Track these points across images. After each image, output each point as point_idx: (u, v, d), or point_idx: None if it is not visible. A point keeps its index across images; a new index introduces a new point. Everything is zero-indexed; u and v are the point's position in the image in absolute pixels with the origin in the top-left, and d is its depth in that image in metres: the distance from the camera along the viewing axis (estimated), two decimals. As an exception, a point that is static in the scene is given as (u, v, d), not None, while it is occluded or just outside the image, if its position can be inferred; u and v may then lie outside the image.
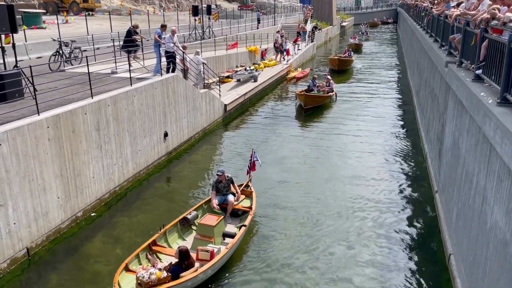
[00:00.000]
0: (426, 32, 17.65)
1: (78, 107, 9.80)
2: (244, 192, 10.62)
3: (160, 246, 8.41)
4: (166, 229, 8.73)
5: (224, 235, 8.84)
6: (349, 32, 67.24)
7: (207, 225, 8.50)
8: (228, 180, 9.85)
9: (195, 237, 8.60)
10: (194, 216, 9.30)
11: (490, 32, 6.93)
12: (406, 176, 12.65)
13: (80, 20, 31.08)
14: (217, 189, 9.77)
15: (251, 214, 9.49)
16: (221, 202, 9.76)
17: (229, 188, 9.92)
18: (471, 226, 6.70)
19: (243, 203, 10.22)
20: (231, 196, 9.84)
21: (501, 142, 4.97)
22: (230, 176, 9.93)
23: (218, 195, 9.79)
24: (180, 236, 9.08)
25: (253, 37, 31.01)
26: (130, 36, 16.08)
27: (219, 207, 9.64)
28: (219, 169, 9.92)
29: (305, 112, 19.37)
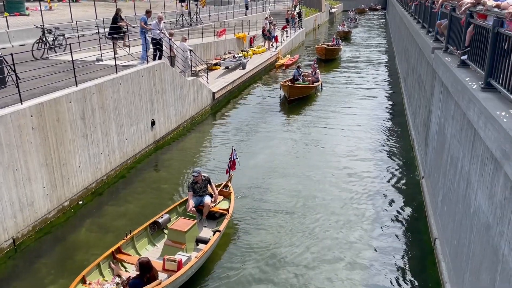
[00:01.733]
0: (413, 18, 17.65)
1: (62, 95, 9.66)
2: (223, 193, 9.97)
3: (126, 254, 7.70)
4: (133, 235, 8.07)
5: (197, 241, 8.22)
6: (338, 18, 67.02)
7: (178, 230, 7.88)
8: (204, 180, 9.30)
9: (165, 243, 7.98)
10: (166, 220, 8.65)
11: (476, 17, 6.94)
12: (393, 163, 12.75)
13: (64, 6, 30.49)
14: (194, 190, 9.21)
15: (227, 218, 8.84)
16: (197, 203, 9.19)
17: (206, 189, 9.36)
18: (455, 210, 6.79)
19: (221, 205, 9.55)
20: (207, 198, 9.25)
21: (485, 127, 5.00)
22: (207, 176, 9.40)
23: (195, 196, 9.21)
24: (150, 242, 8.41)
25: (241, 24, 30.75)
26: (116, 23, 15.84)
27: (196, 209, 9.06)
28: (195, 169, 9.35)
29: (289, 104, 18.81)
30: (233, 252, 8.48)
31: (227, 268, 7.99)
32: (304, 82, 20.34)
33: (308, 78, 20.91)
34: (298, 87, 19.40)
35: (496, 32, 5.41)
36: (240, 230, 9.26)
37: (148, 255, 7.51)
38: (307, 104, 19.25)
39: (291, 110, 18.27)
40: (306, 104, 19.21)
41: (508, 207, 4.28)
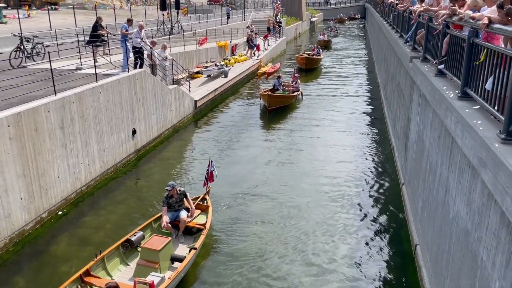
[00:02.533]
0: (392, 27, 18.00)
1: (40, 104, 9.49)
2: (200, 206, 9.61)
3: (95, 277, 7.21)
4: (104, 255, 7.59)
5: (172, 259, 7.83)
6: (319, 27, 67.83)
7: (151, 249, 7.48)
8: (180, 194, 8.90)
9: (138, 263, 7.58)
10: (139, 238, 8.19)
11: (452, 28, 7.12)
12: (374, 170, 12.90)
13: (43, 14, 30.09)
14: (169, 205, 8.80)
15: (203, 233, 8.49)
16: (173, 219, 8.78)
17: (182, 203, 8.95)
18: (435, 216, 6.90)
19: (198, 220, 9.17)
20: (183, 213, 8.84)
21: (462, 135, 5.12)
22: (182, 190, 9.02)
23: (170, 211, 8.81)
24: (122, 261, 7.94)
25: (223, 32, 30.82)
26: (96, 31, 15.69)
27: (171, 224, 8.68)
28: (169, 183, 8.88)
29: (269, 113, 18.58)
30: (211, 270, 8.20)
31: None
32: (284, 91, 20.21)
33: (289, 87, 20.82)
34: (278, 96, 19.26)
35: (471, 42, 5.56)
36: (218, 245, 8.96)
37: (121, 276, 7.29)
38: (288, 113, 19.16)
39: (272, 120, 18.20)
40: (287, 113, 19.12)
41: (486, 213, 4.38)
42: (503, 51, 4.50)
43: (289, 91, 20.48)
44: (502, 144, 4.08)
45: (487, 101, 4.89)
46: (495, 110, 4.59)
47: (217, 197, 10.76)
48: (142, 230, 8.53)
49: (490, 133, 4.40)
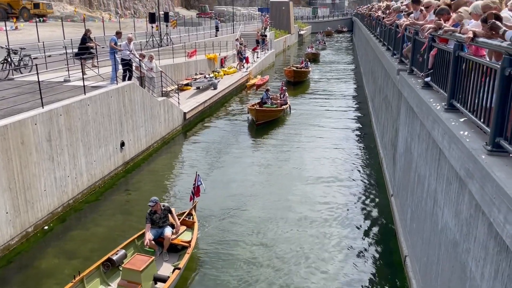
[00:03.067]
0: (379, 41, 18.25)
1: (27, 117, 9.39)
2: (186, 222, 9.32)
3: None
4: (83, 276, 7.27)
5: (155, 279, 7.55)
6: (307, 40, 68.54)
7: (133, 269, 7.22)
8: (164, 210, 8.62)
9: (119, 284, 7.33)
10: (121, 256, 7.89)
11: (437, 41, 7.24)
12: (363, 182, 12.96)
13: (31, 26, 29.90)
14: (152, 221, 8.47)
15: (188, 252, 8.21)
16: (156, 236, 8.48)
17: (166, 219, 8.65)
18: (424, 228, 6.93)
19: (183, 236, 8.85)
20: (168, 229, 8.56)
21: (449, 147, 5.18)
22: (167, 205, 8.76)
23: (154, 227, 8.51)
24: (103, 282, 7.61)
25: (212, 45, 30.97)
26: (84, 43, 15.66)
27: (155, 241, 8.41)
28: (151, 198, 8.48)
29: (257, 127, 18.43)
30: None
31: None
32: (273, 105, 20.09)
33: (277, 101, 20.73)
34: (265, 110, 19.17)
35: (457, 55, 5.66)
36: (204, 264, 8.71)
37: None
38: (276, 127, 18.97)
39: (261, 133, 18.04)
40: (275, 127, 18.93)
41: (474, 224, 4.41)
42: (487, 64, 4.58)
43: (277, 104, 20.39)
44: (489, 155, 4.14)
45: (473, 113, 4.96)
46: (481, 122, 4.65)
47: (204, 212, 10.55)
48: (124, 248, 8.21)
49: (476, 144, 4.46)
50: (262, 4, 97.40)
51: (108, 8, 64.64)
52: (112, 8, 65.68)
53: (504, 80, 3.97)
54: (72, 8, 52.25)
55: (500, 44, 4.18)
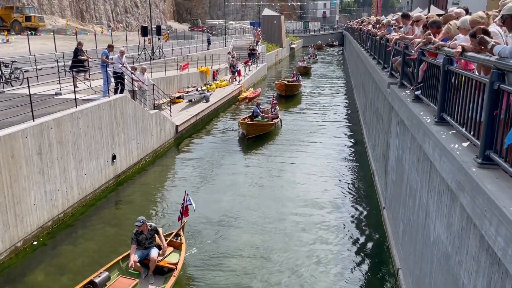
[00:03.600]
0: (369, 54, 18.47)
1: (17, 130, 9.31)
2: (173, 243, 8.99)
3: None
4: None
5: None
6: (298, 53, 69.12)
7: None
8: (151, 230, 8.35)
9: None
10: (104, 279, 7.59)
11: (427, 55, 7.35)
12: (355, 194, 12.98)
13: (22, 39, 29.88)
14: (138, 242, 8.22)
15: (174, 275, 7.91)
16: (142, 257, 8.20)
17: (152, 240, 8.38)
18: (416, 240, 6.94)
19: (170, 258, 8.52)
20: (154, 251, 8.29)
21: (440, 160, 5.22)
22: (153, 226, 8.49)
23: (140, 248, 8.24)
24: None
25: (204, 58, 31.12)
26: (77, 56, 15.65)
27: (141, 263, 8.11)
28: (138, 218, 8.20)
29: (247, 141, 18.29)
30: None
31: None
32: (264, 119, 20.01)
33: (268, 114, 20.62)
34: (256, 124, 19.05)
35: (446, 69, 5.75)
36: (191, 287, 8.44)
37: None
38: (267, 141, 18.81)
39: (252, 147, 17.76)
40: (266, 141, 18.76)
41: (465, 237, 4.43)
42: (476, 78, 4.66)
43: (268, 118, 20.31)
44: (479, 168, 4.18)
45: (463, 126, 5.02)
46: (471, 135, 4.71)
47: (193, 232, 10.26)
48: (108, 270, 7.90)
49: (467, 157, 4.51)
50: (254, 18, 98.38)
51: (100, 21, 64.83)
52: (104, 21, 65.88)
53: (493, 94, 4.04)
54: (64, 21, 52.30)
55: (488, 58, 4.25)
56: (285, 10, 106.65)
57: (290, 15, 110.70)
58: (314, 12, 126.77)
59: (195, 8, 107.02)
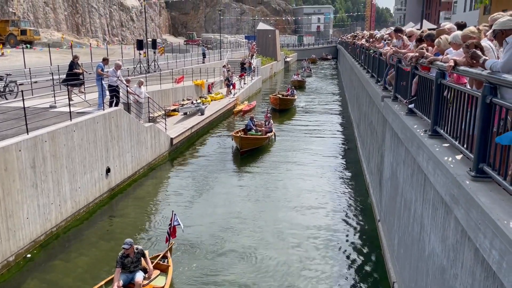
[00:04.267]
0: (363, 68, 18.64)
1: (11, 143, 9.26)
2: (159, 266, 8.63)
3: None
4: None
5: None
6: (293, 67, 69.63)
7: None
8: (137, 253, 8.03)
9: None
10: None
11: (420, 69, 7.44)
12: (350, 207, 12.97)
13: (17, 53, 29.89)
14: (123, 265, 7.89)
15: None
16: (127, 281, 7.88)
17: (138, 264, 8.09)
18: (411, 253, 6.93)
19: (156, 282, 8.19)
20: (139, 275, 7.97)
21: (434, 172, 5.25)
22: (140, 248, 8.16)
23: (124, 272, 7.91)
24: None
25: (200, 71, 31.27)
26: (72, 70, 15.67)
27: (125, 287, 7.82)
28: (126, 240, 7.92)
29: (241, 155, 18.03)
30: None
31: None
32: (257, 132, 19.86)
33: (261, 128, 20.50)
34: (250, 138, 18.83)
35: (439, 83, 5.82)
36: None
37: None
38: (261, 155, 18.60)
39: (246, 161, 17.59)
40: (260, 155, 18.57)
41: (460, 250, 4.43)
42: (469, 92, 4.71)
43: (262, 132, 20.15)
44: (473, 181, 4.20)
45: (456, 139, 5.06)
46: (465, 148, 4.74)
47: (182, 252, 9.93)
48: None
49: (460, 170, 4.53)
50: (249, 31, 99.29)
51: (96, 34, 65.11)
52: (100, 35, 66.18)
53: (485, 107, 4.09)
54: (59, 35, 52.46)
55: (480, 72, 4.31)
56: (280, 24, 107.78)
57: (284, 29, 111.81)
58: (308, 26, 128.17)
59: (191, 22, 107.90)
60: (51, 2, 56.78)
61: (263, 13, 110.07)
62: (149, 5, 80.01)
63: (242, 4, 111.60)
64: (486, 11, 30.91)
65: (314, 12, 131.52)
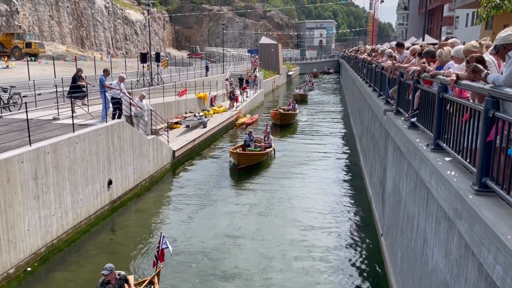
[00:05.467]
0: (365, 82, 18.70)
1: (14, 155, 9.28)
2: None
3: None
4: None
5: None
6: (295, 80, 69.92)
7: None
8: (119, 279, 7.34)
9: None
10: None
11: (422, 83, 7.46)
12: (352, 221, 12.88)
13: (22, 65, 30.16)
14: None
15: None
16: None
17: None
18: (414, 268, 6.86)
19: None
20: None
21: (437, 186, 5.22)
22: (123, 274, 7.42)
23: None
24: None
25: (202, 84, 31.43)
26: (75, 82, 15.78)
27: None
28: (106, 265, 7.21)
29: (239, 171, 17.28)
30: None
31: None
32: (256, 148, 19.22)
33: (260, 143, 19.76)
34: (248, 154, 18.10)
35: (441, 97, 5.82)
36: None
37: None
38: (260, 170, 18.04)
39: (245, 177, 17.09)
40: (259, 170, 18.01)
41: (464, 265, 4.38)
42: (471, 106, 4.71)
43: (261, 147, 19.42)
44: (476, 195, 4.17)
45: (459, 153, 5.04)
46: (467, 162, 4.72)
47: (170, 279, 9.35)
48: None
49: (463, 184, 4.51)
50: (251, 45, 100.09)
51: (100, 48, 65.72)
52: (104, 48, 66.79)
53: (488, 121, 4.08)
54: (64, 48, 52.96)
55: (483, 86, 4.32)
56: (282, 39, 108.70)
57: (287, 43, 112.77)
58: (311, 40, 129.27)
59: (194, 36, 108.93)
60: (56, 15, 57.49)
61: (266, 27, 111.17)
62: (153, 19, 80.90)
63: (245, 19, 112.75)
64: (488, 26, 31.10)
65: (317, 27, 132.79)
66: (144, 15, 77.31)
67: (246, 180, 16.91)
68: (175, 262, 9.66)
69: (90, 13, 64.03)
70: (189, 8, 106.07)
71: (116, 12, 72.47)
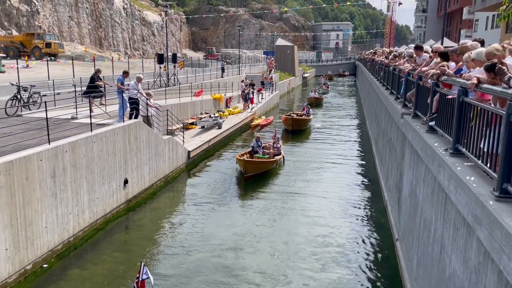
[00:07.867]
0: (382, 84, 18.53)
1: (33, 153, 9.44)
2: None
3: None
4: None
5: None
6: (311, 82, 69.63)
7: None
8: None
9: None
10: None
11: (441, 86, 7.35)
12: (367, 225, 12.76)
13: (41, 65, 30.71)
14: None
15: None
16: None
17: None
18: (431, 274, 6.75)
19: None
20: None
21: (455, 192, 5.13)
22: None
23: None
24: None
25: (218, 85, 31.55)
26: (93, 82, 16.00)
27: None
28: None
29: (245, 180, 16.28)
30: None
31: None
32: (264, 155, 18.14)
33: (269, 150, 18.66)
34: (255, 162, 16.95)
35: (461, 101, 5.73)
36: None
37: None
38: (272, 174, 17.50)
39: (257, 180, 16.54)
40: (270, 175, 17.45)
41: (483, 272, 4.30)
42: (493, 110, 4.62)
43: (270, 154, 18.29)
44: (496, 201, 4.09)
45: (479, 158, 4.95)
46: (488, 167, 4.64)
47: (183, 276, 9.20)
48: None
49: (483, 190, 4.42)
50: (267, 47, 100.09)
51: (118, 48, 66.57)
52: (122, 49, 67.63)
53: (510, 126, 3.99)
54: (83, 48, 53.79)
55: (506, 91, 4.23)
56: (298, 40, 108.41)
57: (303, 45, 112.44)
58: (327, 42, 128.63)
59: (210, 37, 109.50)
60: (76, 16, 58.44)
61: (282, 29, 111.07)
62: (170, 21, 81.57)
63: (262, 20, 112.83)
64: (509, 30, 30.56)
65: (333, 29, 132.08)
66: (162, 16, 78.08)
67: (258, 183, 16.68)
68: (188, 261, 9.71)
69: (108, 14, 64.93)
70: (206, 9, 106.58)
71: (134, 13, 73.34)
